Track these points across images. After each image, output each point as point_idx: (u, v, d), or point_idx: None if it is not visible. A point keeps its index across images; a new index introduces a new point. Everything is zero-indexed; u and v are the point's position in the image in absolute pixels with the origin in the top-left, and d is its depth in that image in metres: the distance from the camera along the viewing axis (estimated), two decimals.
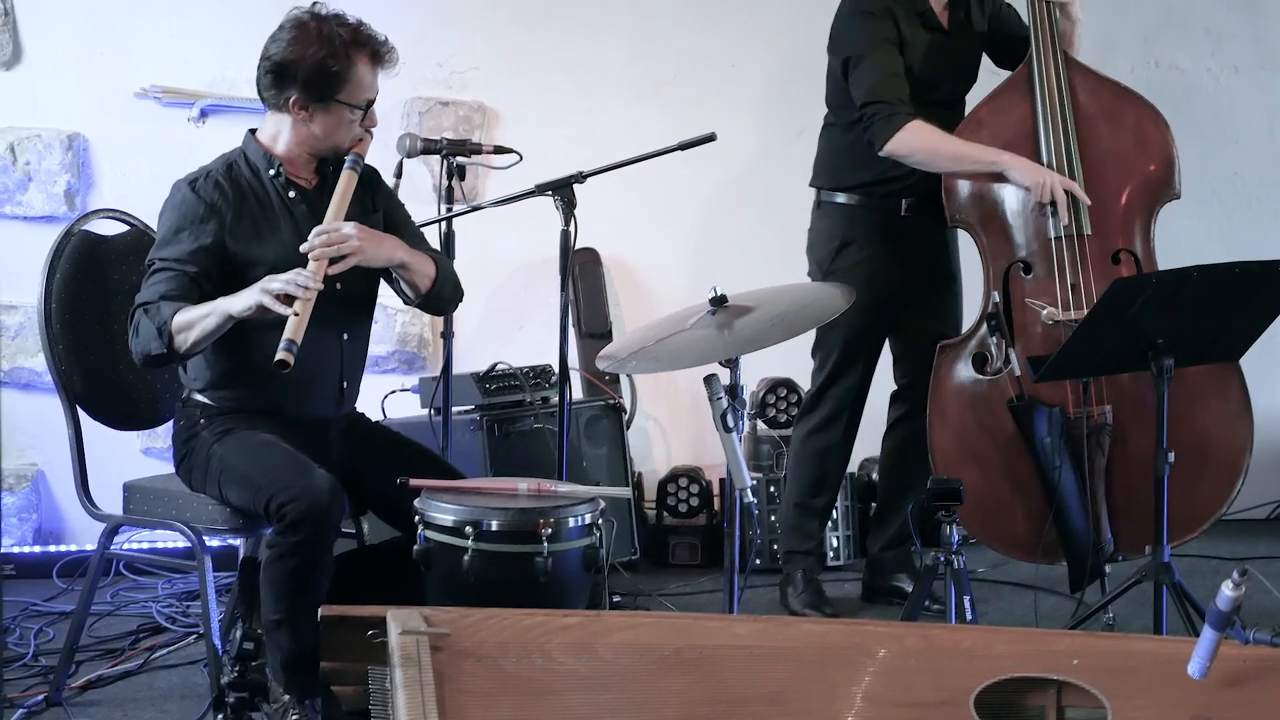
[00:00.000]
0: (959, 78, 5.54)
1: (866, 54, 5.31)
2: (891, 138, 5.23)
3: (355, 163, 4.37)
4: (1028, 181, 5.15)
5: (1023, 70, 5.35)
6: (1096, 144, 5.29)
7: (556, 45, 6.73)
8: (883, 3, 5.35)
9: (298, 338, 3.98)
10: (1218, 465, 5.15)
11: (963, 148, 5.24)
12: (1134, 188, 5.30)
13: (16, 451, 6.39)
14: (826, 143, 5.58)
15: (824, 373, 5.57)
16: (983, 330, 5.23)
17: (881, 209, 5.45)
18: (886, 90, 5.26)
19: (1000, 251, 5.26)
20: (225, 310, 4.08)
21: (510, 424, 5.86)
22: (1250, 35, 6.95)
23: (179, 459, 4.45)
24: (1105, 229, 5.24)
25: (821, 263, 5.51)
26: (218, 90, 6.44)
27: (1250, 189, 7.00)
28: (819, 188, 5.59)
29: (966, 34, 5.49)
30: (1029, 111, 5.29)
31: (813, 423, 5.62)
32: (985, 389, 5.23)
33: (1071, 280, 5.17)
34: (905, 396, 5.64)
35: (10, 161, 6.36)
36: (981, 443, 5.20)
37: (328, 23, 4.31)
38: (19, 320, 6.30)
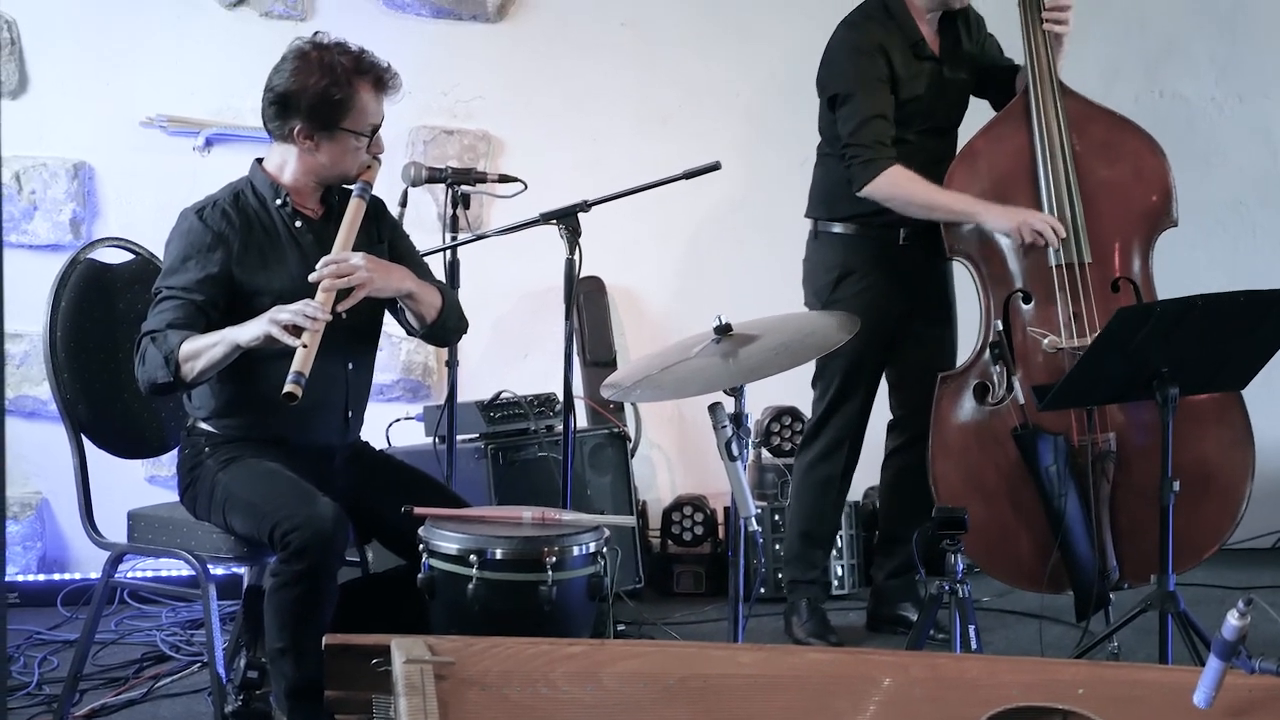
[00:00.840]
0: (953, 105, 5.56)
1: (855, 93, 5.33)
2: (869, 182, 5.27)
3: (363, 191, 4.37)
4: (1003, 228, 5.19)
5: (1019, 101, 5.36)
6: (1095, 173, 5.30)
7: (561, 74, 6.74)
8: (875, 39, 5.36)
9: (306, 369, 3.98)
10: (1220, 493, 5.15)
11: (937, 197, 5.27)
12: (1133, 216, 5.32)
13: (21, 479, 6.39)
14: (823, 173, 5.59)
15: (824, 402, 5.58)
16: (984, 360, 5.23)
17: (879, 239, 5.46)
18: (868, 133, 5.28)
19: (1000, 281, 5.27)
20: (233, 340, 4.08)
21: (515, 452, 5.86)
22: (1253, 64, 6.96)
23: (183, 487, 4.45)
24: (1105, 257, 5.25)
25: (820, 293, 5.52)
26: (223, 119, 6.46)
27: (1254, 217, 7.00)
28: (815, 218, 5.59)
29: (957, 61, 5.51)
30: (1026, 142, 5.30)
31: (814, 453, 5.62)
32: (988, 419, 5.23)
33: (1073, 309, 5.18)
34: (903, 426, 5.64)
35: (16, 190, 6.37)
36: (985, 473, 5.20)
37: (329, 51, 4.32)
38: (24, 348, 6.30)
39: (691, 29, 6.80)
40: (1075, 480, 5.08)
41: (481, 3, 6.66)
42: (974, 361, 5.29)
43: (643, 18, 6.78)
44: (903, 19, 5.41)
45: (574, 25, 6.75)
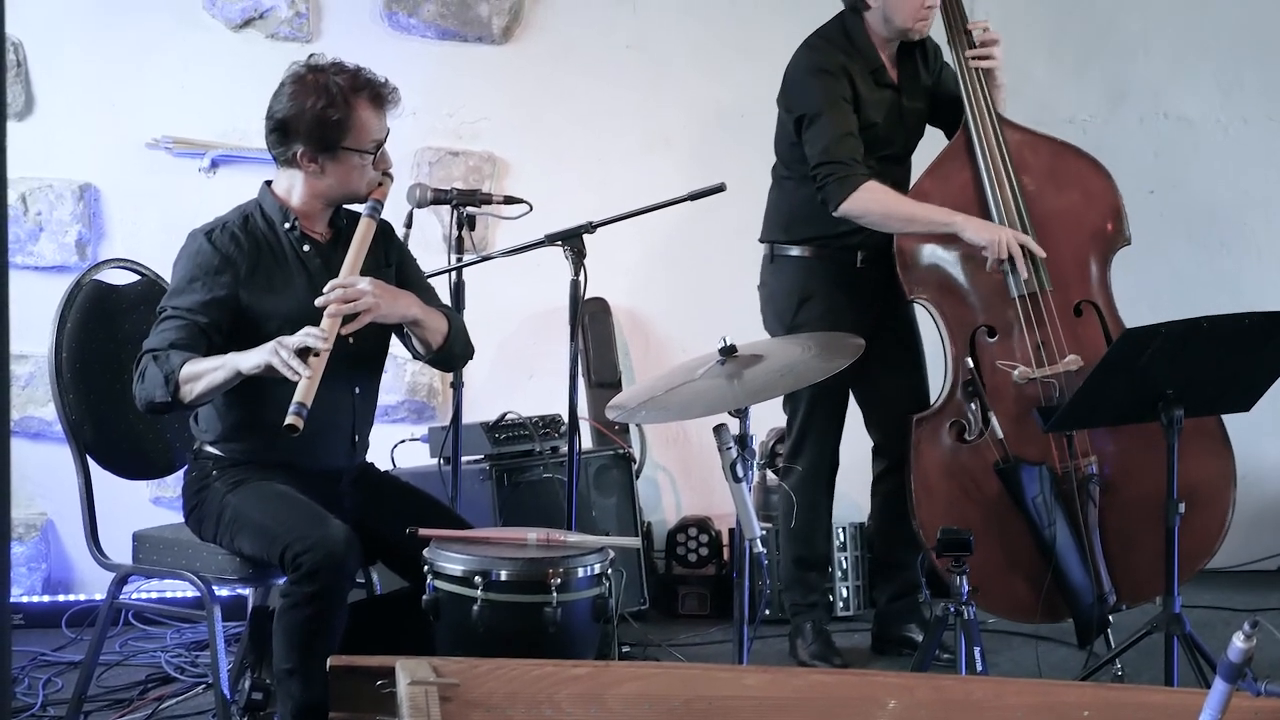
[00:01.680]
0: (910, 133, 5.58)
1: (822, 112, 5.33)
2: (846, 199, 5.25)
3: (374, 209, 4.38)
4: (982, 240, 5.18)
5: (960, 137, 5.38)
6: (1043, 201, 5.33)
7: (566, 95, 6.75)
8: (838, 60, 5.37)
9: (308, 400, 3.98)
10: (1206, 503, 5.17)
11: (916, 209, 5.27)
12: (1087, 239, 5.36)
13: (26, 501, 6.39)
14: (779, 195, 5.60)
15: (796, 428, 5.58)
16: (957, 398, 5.25)
17: (838, 261, 5.47)
18: (841, 150, 5.28)
19: (962, 318, 5.29)
20: (235, 366, 4.08)
21: (519, 474, 5.86)
22: (1259, 87, 6.97)
23: (189, 509, 4.45)
24: (1064, 283, 5.28)
25: (782, 317, 5.51)
26: (229, 141, 6.47)
27: (1259, 240, 7.00)
28: (772, 241, 5.60)
29: (915, 89, 5.52)
30: (971, 178, 5.34)
31: (795, 478, 5.61)
32: (968, 457, 5.24)
33: (1040, 337, 5.20)
34: (884, 453, 5.64)
35: (22, 211, 6.38)
36: (970, 512, 5.19)
37: (324, 72, 4.33)
38: (29, 370, 6.31)
39: (696, 51, 6.81)
40: (1063, 508, 5.09)
41: (487, 24, 6.67)
42: (947, 401, 5.29)
43: (648, 40, 6.79)
44: (863, 46, 5.42)
45: (579, 47, 6.76)
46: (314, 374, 4.00)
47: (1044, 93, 6.48)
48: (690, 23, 6.80)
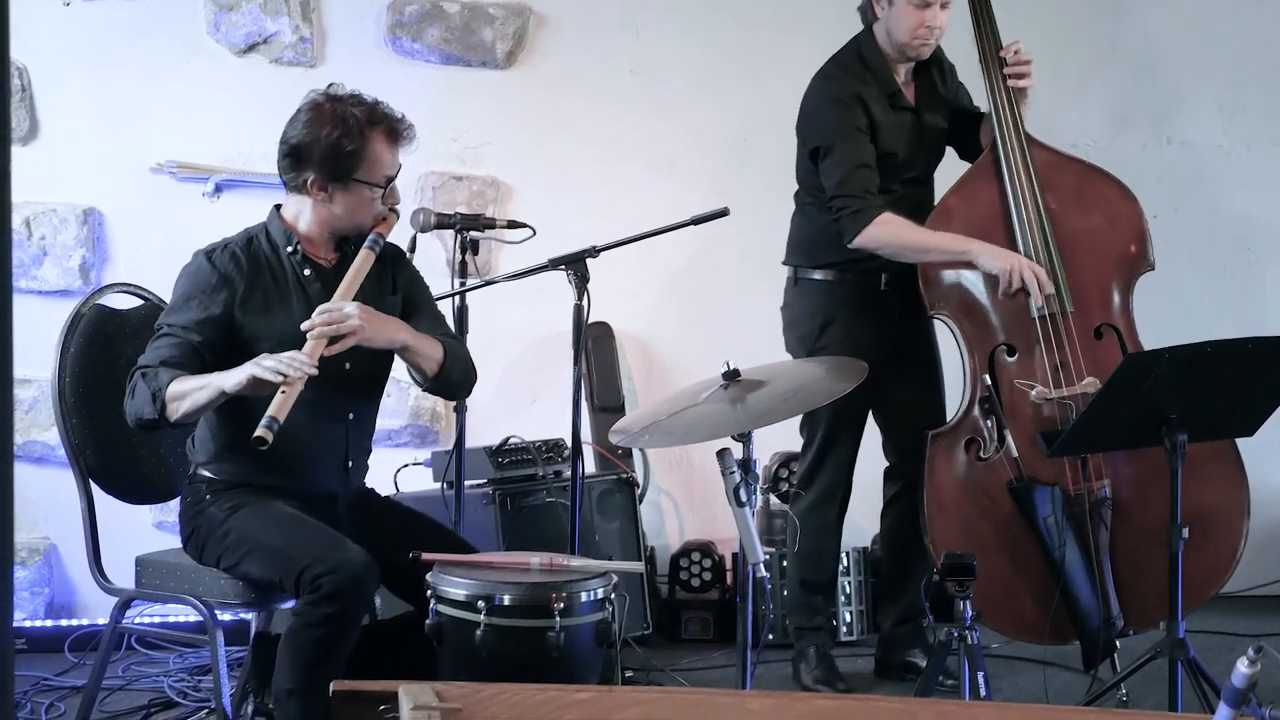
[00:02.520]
0: (930, 154, 5.58)
1: (836, 144, 5.33)
2: (860, 232, 5.26)
3: (375, 243, 4.38)
4: (996, 268, 5.18)
5: (988, 156, 5.38)
6: (1069, 222, 5.33)
7: (570, 120, 6.76)
8: (852, 89, 5.37)
9: (281, 416, 3.98)
10: (1219, 534, 5.16)
11: (931, 239, 5.27)
12: (1110, 262, 5.35)
13: (29, 525, 6.38)
14: (802, 221, 5.60)
15: (813, 450, 5.57)
16: (974, 415, 5.24)
17: (860, 285, 5.46)
18: (855, 183, 5.28)
19: (982, 336, 5.28)
20: (218, 385, 4.09)
21: (523, 498, 5.86)
22: (1261, 112, 6.98)
23: (186, 534, 4.45)
24: (1085, 305, 5.28)
25: (804, 340, 5.52)
26: (232, 165, 6.47)
27: (1262, 264, 7.00)
28: (795, 265, 5.60)
29: (933, 108, 5.52)
30: (998, 196, 5.33)
31: (808, 500, 5.60)
32: (982, 474, 5.23)
33: (1059, 358, 5.20)
34: (898, 473, 5.63)
35: (25, 236, 6.38)
36: (982, 528, 5.19)
37: (343, 103, 4.34)
38: (33, 394, 6.31)
39: (699, 75, 6.82)
40: (1074, 529, 5.08)
41: (490, 49, 6.68)
42: (963, 417, 5.29)
43: (651, 64, 6.80)
44: (878, 69, 5.42)
45: (582, 72, 6.77)
46: (290, 391, 4.01)
47: (1047, 117, 6.47)
48: (693, 47, 6.81)
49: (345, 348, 4.19)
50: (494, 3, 6.69)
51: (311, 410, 4.26)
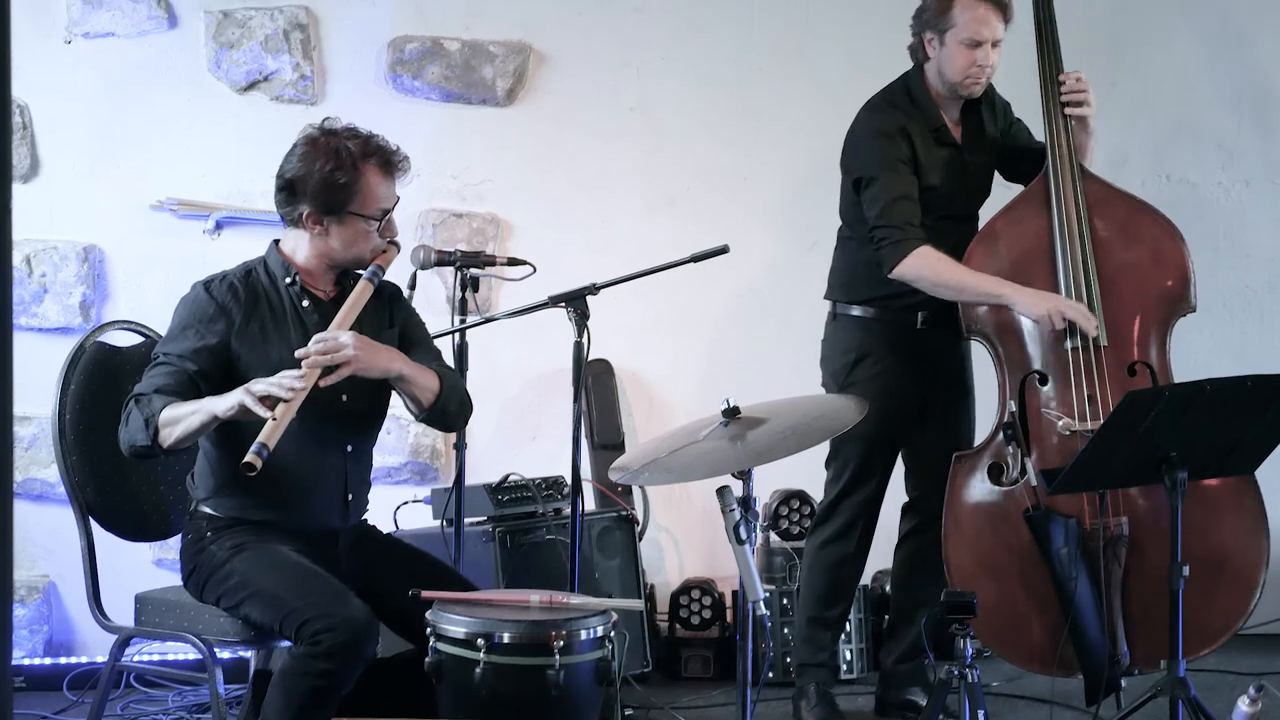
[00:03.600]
0: (974, 191, 5.57)
1: (879, 175, 5.33)
2: (899, 263, 5.26)
3: (374, 274, 4.39)
4: (1033, 314, 5.19)
5: (1039, 183, 5.38)
6: (1113, 257, 5.31)
7: (569, 158, 6.77)
8: (896, 122, 5.38)
9: (271, 443, 3.98)
10: (1234, 579, 5.14)
11: (968, 279, 5.27)
12: (1151, 301, 5.32)
13: (29, 563, 6.38)
14: (842, 256, 5.60)
15: (839, 483, 5.56)
16: (998, 440, 5.24)
17: (897, 322, 5.46)
18: (896, 214, 5.29)
19: (1016, 362, 5.28)
20: (210, 410, 4.09)
21: (523, 535, 5.85)
22: (1261, 149, 6.98)
23: (187, 572, 4.44)
24: (1121, 341, 5.26)
25: (837, 375, 5.52)
26: (233, 203, 6.48)
27: (1262, 302, 7.01)
28: (834, 300, 5.60)
29: (979, 146, 5.52)
30: (1045, 224, 5.32)
31: (827, 533, 5.60)
32: (1001, 500, 5.23)
33: (1088, 391, 5.18)
34: (917, 509, 5.62)
35: (26, 273, 6.39)
36: (997, 554, 5.19)
37: (337, 136, 4.35)
38: (33, 431, 6.31)
39: (699, 113, 6.83)
40: (1087, 564, 5.07)
41: (491, 87, 6.70)
42: (989, 442, 5.29)
43: (651, 102, 6.81)
44: (924, 104, 5.44)
45: (583, 109, 6.78)
46: (281, 419, 4.01)
47: None
48: (693, 85, 6.82)
49: (340, 378, 4.18)
50: (494, 40, 6.71)
51: (309, 443, 4.26)
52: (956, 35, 5.35)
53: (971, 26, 5.34)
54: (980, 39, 5.34)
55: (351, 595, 4.16)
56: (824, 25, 6.74)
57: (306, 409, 4.10)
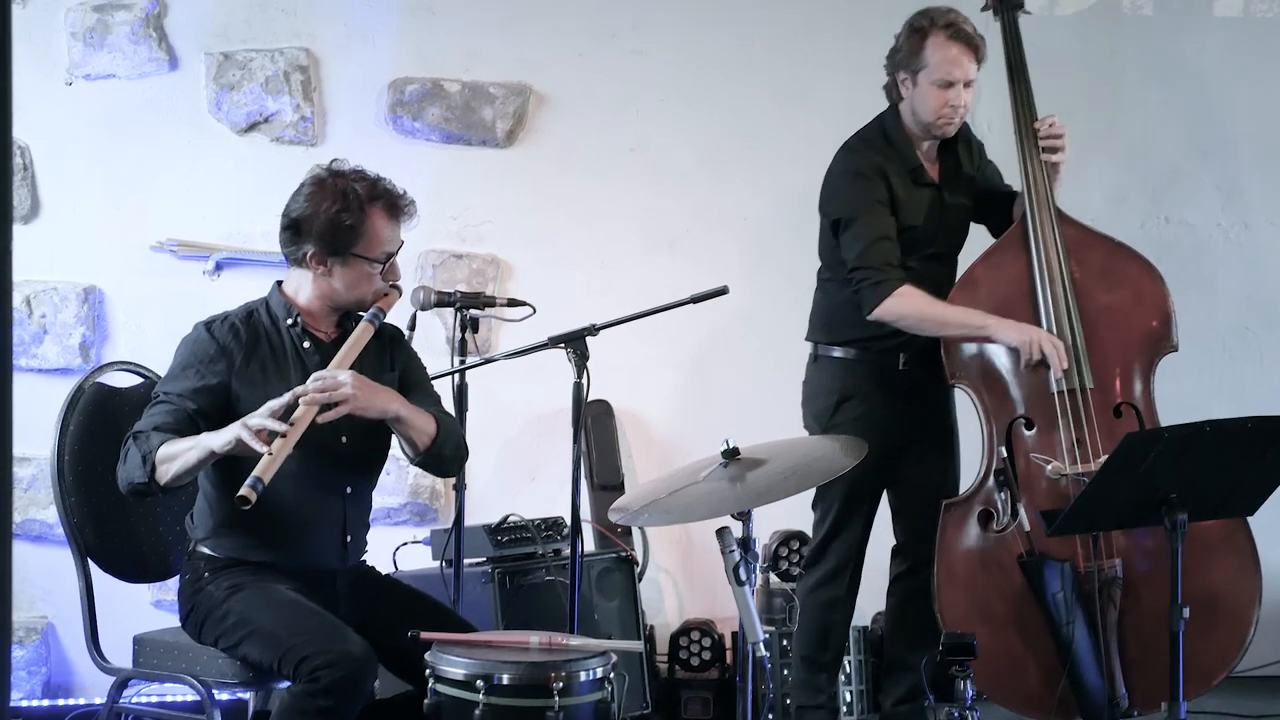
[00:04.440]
0: (953, 231, 5.59)
1: (857, 216, 5.35)
2: (880, 304, 5.27)
3: (375, 316, 4.40)
4: (1014, 341, 5.20)
5: (1017, 228, 5.40)
6: (1094, 299, 5.33)
7: (569, 199, 6.78)
8: (874, 163, 5.39)
9: (266, 477, 3.98)
10: (1227, 620, 5.14)
11: (949, 313, 5.29)
12: (1133, 342, 5.35)
13: (27, 604, 6.36)
14: (823, 297, 5.61)
15: (825, 526, 5.56)
16: (988, 486, 5.24)
17: (880, 363, 5.46)
18: (875, 255, 5.30)
19: (1002, 408, 5.28)
20: (207, 445, 4.08)
21: (522, 576, 5.84)
22: (1259, 191, 6.99)
23: (185, 612, 4.44)
24: (1106, 383, 5.28)
25: (820, 417, 5.52)
26: (233, 243, 6.49)
27: (1260, 343, 7.01)
28: (815, 341, 5.60)
29: (957, 186, 5.54)
30: (1025, 269, 5.34)
31: (817, 576, 5.59)
32: (993, 546, 5.22)
33: (1075, 434, 5.19)
34: (906, 552, 5.62)
35: (26, 314, 6.39)
36: (991, 600, 5.19)
37: (344, 178, 4.37)
38: (31, 472, 6.30)
39: (699, 154, 6.84)
40: (1082, 607, 5.06)
41: (491, 128, 6.71)
42: (978, 488, 5.29)
43: (650, 143, 6.82)
44: (901, 145, 5.45)
45: (582, 151, 6.79)
46: (277, 454, 4.00)
47: None
48: (692, 126, 6.84)
49: (338, 416, 4.18)
50: (494, 82, 6.72)
51: (309, 484, 4.27)
52: (929, 75, 5.36)
53: (943, 67, 5.35)
54: (952, 79, 5.35)
55: (349, 631, 4.15)
56: (824, 64, 6.76)
57: (306, 450, 4.10)
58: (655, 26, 6.79)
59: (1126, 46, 6.91)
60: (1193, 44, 6.92)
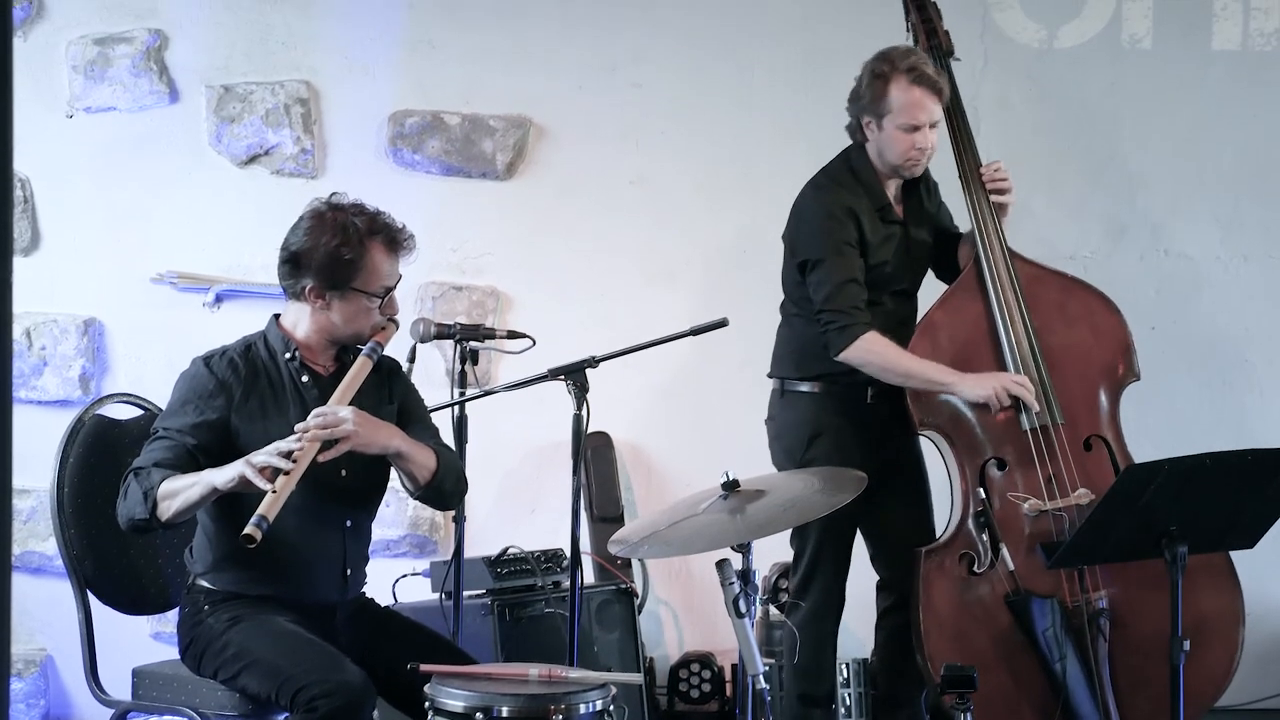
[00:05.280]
0: (918, 267, 5.63)
1: (826, 258, 5.36)
2: (846, 348, 5.29)
3: (373, 350, 4.40)
4: (979, 396, 5.24)
5: (971, 270, 5.43)
6: (1054, 335, 5.38)
7: (569, 231, 6.78)
8: (844, 202, 5.41)
9: (270, 515, 3.99)
10: (1216, 643, 5.15)
11: (914, 365, 5.30)
12: (1096, 374, 5.39)
13: (26, 636, 6.36)
14: (789, 331, 5.61)
15: (805, 563, 5.54)
16: (966, 529, 5.25)
17: (848, 397, 5.46)
18: (843, 299, 5.31)
19: (972, 450, 5.30)
20: (209, 481, 4.09)
21: (522, 609, 5.83)
22: (1259, 224, 6.99)
23: (184, 645, 4.44)
24: (1074, 417, 5.32)
25: (792, 453, 5.50)
26: (233, 276, 6.50)
27: (1260, 376, 7.00)
28: (782, 377, 5.60)
29: (920, 223, 5.57)
30: (983, 310, 5.38)
31: (804, 613, 5.57)
32: (977, 589, 5.23)
33: (1051, 470, 5.22)
34: (890, 587, 5.60)
35: (26, 346, 6.39)
36: (980, 643, 5.18)
37: (344, 212, 4.37)
38: (31, 504, 6.30)
39: (698, 187, 6.84)
40: (1073, 641, 5.07)
41: (491, 161, 6.72)
42: (956, 533, 5.29)
43: (651, 176, 6.82)
44: (869, 183, 5.46)
45: (582, 183, 6.80)
46: (281, 491, 4.01)
47: (1044, 229, 6.51)
48: (692, 159, 6.84)
49: (339, 453, 4.19)
50: (494, 115, 6.73)
51: (308, 517, 4.27)
52: (894, 120, 5.37)
53: (908, 111, 5.37)
54: (918, 123, 5.37)
55: (347, 661, 4.15)
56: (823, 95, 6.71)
57: (306, 484, 4.11)
58: (654, 59, 6.80)
59: (1125, 79, 6.91)
60: (1191, 76, 6.93)
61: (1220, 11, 6.83)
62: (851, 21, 6.67)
